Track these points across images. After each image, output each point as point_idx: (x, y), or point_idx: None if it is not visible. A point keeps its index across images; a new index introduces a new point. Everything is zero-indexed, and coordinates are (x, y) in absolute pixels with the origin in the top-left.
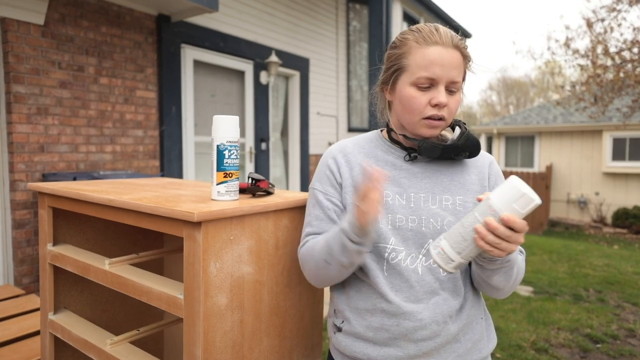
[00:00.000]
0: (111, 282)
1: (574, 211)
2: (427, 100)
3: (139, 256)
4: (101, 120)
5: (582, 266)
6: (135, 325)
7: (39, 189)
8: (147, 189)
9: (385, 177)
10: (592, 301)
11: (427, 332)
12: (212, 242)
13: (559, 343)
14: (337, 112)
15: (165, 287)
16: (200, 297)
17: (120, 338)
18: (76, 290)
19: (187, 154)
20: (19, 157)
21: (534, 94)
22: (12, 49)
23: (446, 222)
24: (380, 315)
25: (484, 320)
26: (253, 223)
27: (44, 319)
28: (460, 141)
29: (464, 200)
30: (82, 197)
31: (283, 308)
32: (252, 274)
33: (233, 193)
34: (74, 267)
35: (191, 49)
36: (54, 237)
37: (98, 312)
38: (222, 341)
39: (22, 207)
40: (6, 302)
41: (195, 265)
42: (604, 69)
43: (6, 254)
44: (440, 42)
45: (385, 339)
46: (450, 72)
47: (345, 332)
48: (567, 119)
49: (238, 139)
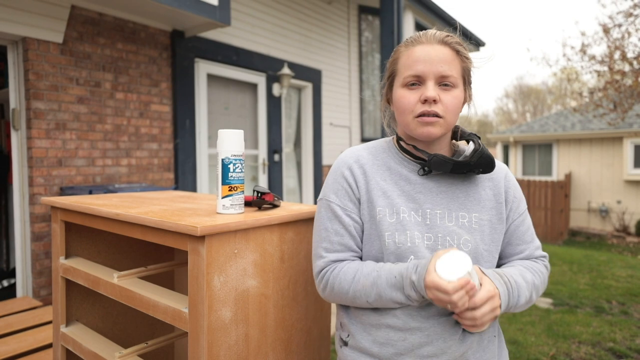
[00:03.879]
0: (120, 295)
1: (595, 220)
2: (417, 97)
3: (147, 269)
4: (117, 134)
5: (604, 277)
6: (146, 338)
7: (51, 203)
8: (156, 202)
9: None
10: (615, 314)
11: (433, 348)
12: (215, 255)
13: (580, 357)
14: (350, 123)
15: (171, 300)
16: (204, 310)
17: (129, 351)
18: (88, 303)
19: (200, 166)
20: (38, 171)
21: (551, 101)
22: (33, 67)
23: (462, 241)
24: (386, 329)
25: (496, 338)
26: (258, 236)
27: (56, 331)
28: (474, 158)
29: (480, 217)
30: (91, 210)
31: (289, 322)
32: (257, 288)
33: (238, 206)
34: (85, 280)
35: (205, 63)
36: (67, 250)
37: (109, 325)
38: (226, 355)
39: (40, 220)
40: (23, 314)
41: (199, 278)
42: (622, 74)
43: (25, 266)
44: (425, 41)
45: (390, 354)
46: (436, 66)
47: (351, 347)
48: (586, 126)
49: (243, 152)
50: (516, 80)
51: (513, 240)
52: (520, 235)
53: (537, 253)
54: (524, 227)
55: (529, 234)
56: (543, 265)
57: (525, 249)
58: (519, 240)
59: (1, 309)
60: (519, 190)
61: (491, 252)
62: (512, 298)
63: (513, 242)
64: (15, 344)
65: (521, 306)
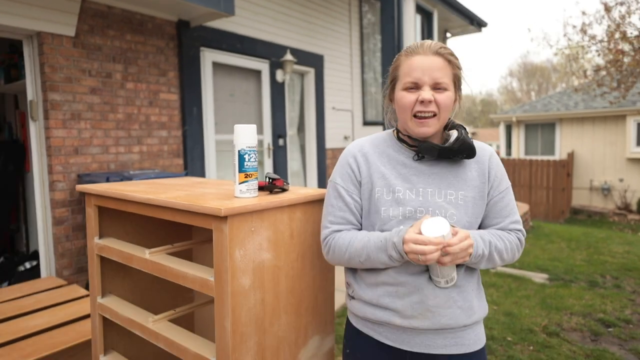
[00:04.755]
0: (152, 268)
1: (597, 198)
2: (415, 98)
3: (174, 246)
4: (128, 123)
5: (600, 253)
6: (169, 308)
7: (86, 190)
8: (178, 188)
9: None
10: (608, 287)
11: (419, 295)
12: (236, 232)
13: (571, 327)
14: (352, 106)
15: (198, 271)
16: (228, 279)
17: (161, 316)
18: (119, 278)
19: (208, 151)
20: (56, 159)
21: (556, 79)
22: (48, 60)
23: (449, 214)
24: (382, 285)
25: (474, 292)
26: (270, 216)
27: (93, 302)
28: (455, 145)
29: (465, 195)
30: (125, 196)
31: (298, 289)
32: (270, 260)
33: (253, 191)
34: (119, 256)
35: (210, 51)
36: (99, 232)
37: (138, 297)
38: (247, 316)
39: (60, 206)
40: (51, 292)
41: (223, 252)
42: (622, 53)
43: (48, 248)
44: (422, 52)
45: (386, 302)
46: (432, 74)
47: (357, 299)
48: (589, 105)
49: (256, 144)
50: (520, 59)
51: (490, 214)
52: (499, 211)
53: (511, 226)
54: (502, 203)
55: (506, 210)
56: (515, 237)
57: (500, 222)
58: (496, 214)
59: (29, 287)
60: (501, 170)
61: (472, 224)
62: (477, 246)
63: (490, 215)
64: (49, 317)
65: (481, 259)
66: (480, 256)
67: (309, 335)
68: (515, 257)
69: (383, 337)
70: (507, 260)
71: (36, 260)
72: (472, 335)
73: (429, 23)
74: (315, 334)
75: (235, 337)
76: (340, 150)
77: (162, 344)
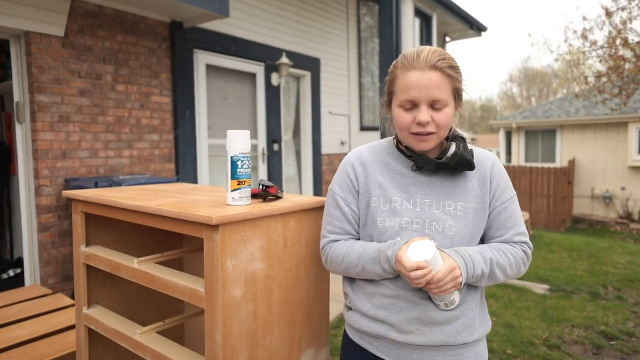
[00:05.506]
0: (140, 278)
1: (598, 207)
2: (412, 118)
3: (163, 255)
4: (119, 126)
5: (602, 263)
6: (158, 319)
7: (72, 196)
8: (169, 194)
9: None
10: (610, 299)
11: (417, 311)
12: (228, 242)
13: (572, 340)
14: (349, 111)
15: (188, 282)
16: (218, 289)
17: (148, 328)
18: (106, 287)
19: (201, 156)
20: (43, 163)
21: (557, 85)
22: (35, 61)
23: (447, 226)
24: (380, 297)
25: (477, 308)
26: (263, 225)
27: (78, 312)
28: (452, 160)
29: (465, 206)
30: (113, 203)
31: (292, 300)
32: (263, 270)
33: (246, 198)
34: (106, 265)
35: (203, 53)
36: (86, 239)
37: (125, 308)
38: (238, 328)
39: (46, 211)
40: (35, 301)
41: (214, 262)
42: (623, 60)
43: (32, 255)
44: (418, 67)
45: (384, 315)
46: (428, 92)
47: (354, 310)
48: (590, 112)
49: (249, 150)
50: (521, 64)
51: (494, 225)
52: (502, 222)
53: (515, 238)
54: (506, 214)
55: (510, 221)
56: (520, 250)
57: (504, 234)
58: (499, 225)
59: (13, 296)
60: (504, 179)
61: (472, 236)
62: (469, 269)
63: (493, 227)
64: (32, 327)
65: (481, 278)
66: (479, 276)
67: (302, 348)
68: (520, 271)
69: (379, 352)
70: (512, 276)
71: (20, 267)
72: (473, 353)
73: (428, 27)
74: (310, 347)
75: (226, 350)
76: (337, 156)
77: (150, 357)
